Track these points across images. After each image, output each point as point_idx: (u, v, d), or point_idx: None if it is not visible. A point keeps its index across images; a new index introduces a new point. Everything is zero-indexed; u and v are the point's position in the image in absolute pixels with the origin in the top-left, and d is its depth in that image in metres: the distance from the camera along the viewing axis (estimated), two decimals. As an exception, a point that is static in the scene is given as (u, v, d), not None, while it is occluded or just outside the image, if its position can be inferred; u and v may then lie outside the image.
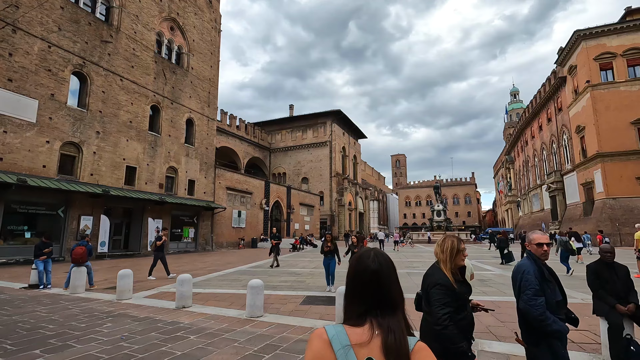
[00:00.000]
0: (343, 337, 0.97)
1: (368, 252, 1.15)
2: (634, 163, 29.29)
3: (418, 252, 23.06)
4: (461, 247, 2.37)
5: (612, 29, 31.40)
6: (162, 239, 11.19)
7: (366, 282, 1.06)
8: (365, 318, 1.02)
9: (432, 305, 2.18)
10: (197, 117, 26.16)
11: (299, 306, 6.88)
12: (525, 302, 2.45)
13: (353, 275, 1.10)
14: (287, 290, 8.52)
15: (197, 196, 25.39)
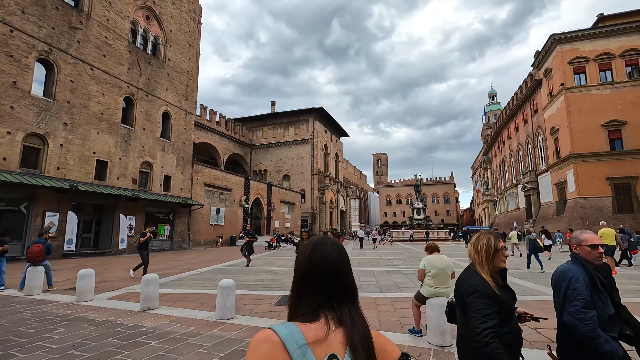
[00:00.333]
0: (297, 335, 0.85)
1: (324, 239, 1.04)
2: (603, 164, 30.45)
3: (398, 250, 23.11)
4: (499, 245, 1.96)
5: (586, 34, 32.48)
6: (146, 235, 10.59)
7: (326, 271, 0.96)
8: (320, 313, 0.92)
9: (471, 317, 1.80)
10: (174, 110, 25.25)
11: (274, 307, 6.55)
12: (572, 315, 2.07)
13: (309, 265, 0.97)
14: (262, 290, 8.17)
15: (173, 192, 24.53)
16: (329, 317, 0.92)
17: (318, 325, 0.90)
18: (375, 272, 11.11)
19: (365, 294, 7.51)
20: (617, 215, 29.29)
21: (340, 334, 0.89)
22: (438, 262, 4.53)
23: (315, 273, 0.96)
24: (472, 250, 2.04)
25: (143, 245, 10.44)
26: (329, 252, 0.98)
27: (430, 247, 4.78)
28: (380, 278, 9.83)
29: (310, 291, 0.95)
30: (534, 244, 12.12)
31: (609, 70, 31.67)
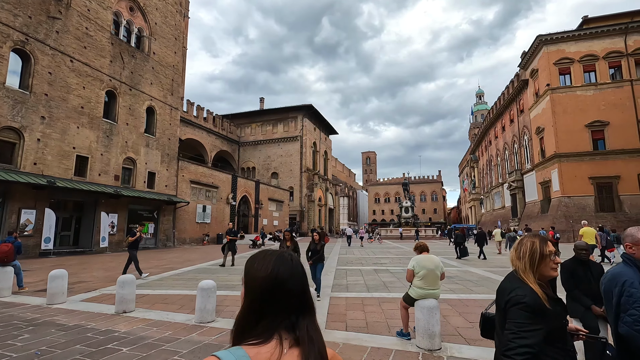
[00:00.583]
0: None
1: (282, 254, 0.96)
2: (586, 164, 31.05)
3: (386, 248, 23.07)
4: (547, 250, 1.63)
5: (571, 35, 33.00)
6: (136, 234, 10.16)
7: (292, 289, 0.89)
8: (274, 333, 0.85)
9: (508, 329, 1.51)
10: (159, 105, 24.59)
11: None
12: (629, 326, 1.81)
13: (274, 283, 0.88)
14: (246, 290, 7.90)
15: (157, 189, 23.92)
16: (283, 338, 0.85)
17: (269, 348, 0.83)
18: (363, 271, 10.95)
19: (352, 294, 7.33)
20: (599, 213, 29.92)
21: (294, 355, 0.84)
22: (427, 262, 4.36)
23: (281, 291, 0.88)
24: (514, 256, 1.73)
25: (133, 245, 10.02)
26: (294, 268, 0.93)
27: (420, 246, 4.60)
28: (368, 277, 9.66)
29: (272, 311, 0.87)
30: (514, 242, 12.31)
31: (592, 71, 32.26)
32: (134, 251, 10.01)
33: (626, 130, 30.42)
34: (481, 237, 16.44)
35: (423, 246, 4.57)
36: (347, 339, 4.51)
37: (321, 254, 7.32)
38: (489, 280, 9.07)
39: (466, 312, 5.76)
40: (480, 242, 16.18)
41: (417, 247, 4.61)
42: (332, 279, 9.20)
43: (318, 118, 56.63)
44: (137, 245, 10.12)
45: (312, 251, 7.31)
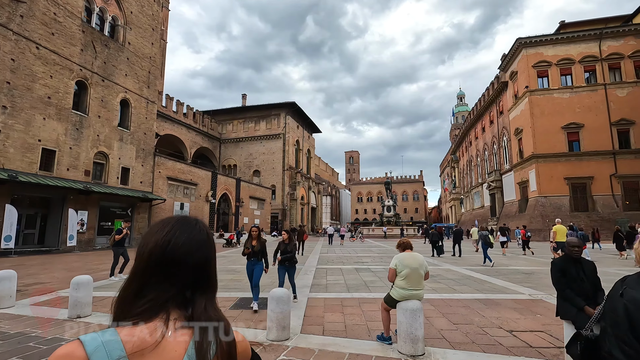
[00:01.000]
0: (114, 347, 0.65)
1: (187, 217, 0.85)
2: (562, 164, 31.88)
3: (367, 247, 22.88)
4: None
5: (549, 39, 33.80)
6: (122, 232, 9.47)
7: (184, 256, 0.76)
8: (161, 310, 0.72)
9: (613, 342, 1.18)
10: (135, 98, 23.52)
11: (228, 311, 5.84)
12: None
13: (166, 247, 0.76)
14: (219, 292, 7.41)
15: (132, 186, 22.88)
16: (171, 316, 0.72)
17: (149, 328, 0.69)
18: (343, 270, 10.61)
19: (331, 294, 6.96)
20: (573, 213, 30.78)
21: (183, 337, 0.71)
22: (411, 260, 4.02)
23: (175, 258, 0.75)
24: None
25: (119, 243, 9.36)
26: (196, 234, 0.80)
27: (403, 244, 4.27)
28: (349, 277, 9.33)
29: (161, 281, 0.74)
30: (485, 240, 12.89)
31: (569, 75, 33.15)
32: (119, 249, 9.37)
33: (600, 132, 31.41)
34: (457, 235, 16.77)
35: (406, 243, 4.24)
36: (323, 345, 4.12)
37: (292, 256, 6.46)
38: (471, 279, 8.90)
39: (450, 313, 5.49)
40: (457, 240, 16.51)
41: (400, 245, 4.28)
42: (311, 279, 8.81)
43: (301, 116, 56.11)
44: (122, 244, 9.47)
45: (282, 252, 6.44)
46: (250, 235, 6.20)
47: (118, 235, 9.39)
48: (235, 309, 5.94)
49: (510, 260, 14.10)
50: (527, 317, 5.23)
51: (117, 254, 9.47)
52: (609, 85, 31.92)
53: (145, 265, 0.75)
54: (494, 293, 7.02)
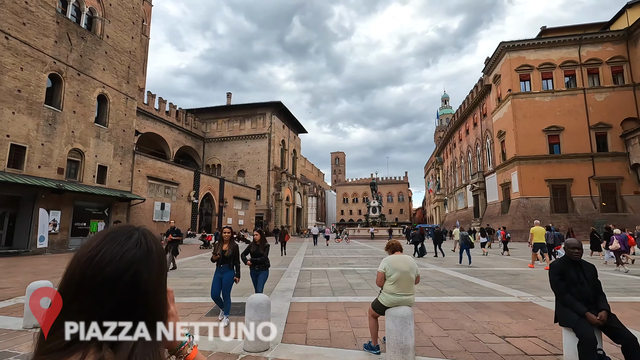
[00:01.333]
0: None
1: (128, 228, 0.66)
2: (543, 166, 32.53)
3: (353, 248, 22.65)
4: None
5: (531, 43, 34.48)
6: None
7: (112, 276, 0.58)
8: (76, 350, 0.56)
9: None
10: (113, 94, 22.60)
11: (204, 317, 5.43)
12: None
13: (85, 264, 0.59)
14: (196, 296, 6.97)
15: (109, 185, 21.96)
16: (89, 355, 0.56)
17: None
18: (328, 272, 10.29)
19: (315, 298, 6.61)
20: (554, 214, 31.43)
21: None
22: (401, 263, 3.73)
23: (97, 280, 0.58)
24: None
25: None
26: (130, 247, 0.62)
27: (392, 245, 3.97)
28: (334, 279, 9.01)
29: (80, 310, 0.57)
30: (466, 240, 13.02)
31: (550, 79, 33.89)
32: None
33: (579, 135, 32.20)
34: (438, 236, 16.93)
35: (396, 245, 3.94)
36: (306, 356, 3.78)
37: (264, 259, 5.75)
38: (458, 281, 8.72)
39: (439, 318, 5.23)
40: (438, 241, 16.62)
41: (390, 246, 3.98)
42: (294, 282, 8.45)
43: (287, 116, 55.63)
44: None
45: (253, 255, 5.77)
46: (222, 238, 5.39)
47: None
48: (212, 315, 5.52)
49: (495, 262, 14.10)
50: (518, 321, 5.02)
51: None
52: (588, 89, 32.78)
53: (65, 290, 0.59)
54: (483, 295, 6.83)
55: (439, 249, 16.20)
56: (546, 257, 12.25)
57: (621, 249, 11.23)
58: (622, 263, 11.14)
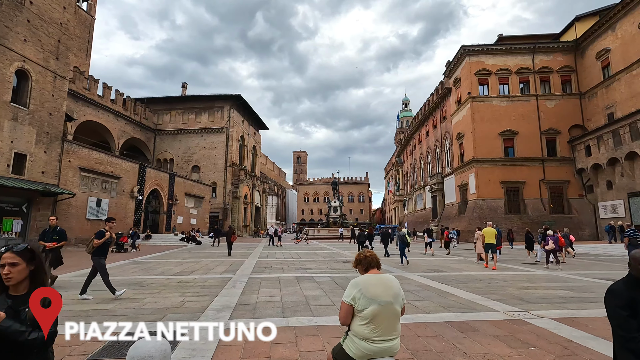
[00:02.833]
0: None
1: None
2: (499, 169, 33.40)
3: (312, 250, 21.30)
4: None
5: (490, 49, 35.39)
6: (105, 235, 6.82)
7: None
8: None
9: None
10: (37, 70, 19.33)
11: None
12: None
13: None
14: (98, 319, 5.15)
15: (30, 176, 18.73)
16: None
17: None
18: (281, 281, 8.79)
19: (260, 321, 5.08)
20: (507, 215, 32.33)
21: None
22: (380, 289, 2.32)
23: None
24: None
25: (100, 250, 6.82)
26: None
27: (365, 260, 2.54)
28: (287, 290, 7.53)
29: None
30: (402, 240, 13.60)
31: (506, 84, 34.93)
32: (101, 259, 6.76)
33: (531, 140, 33.46)
34: (385, 236, 17.50)
35: (371, 259, 2.51)
36: None
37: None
38: (430, 290, 7.62)
39: (421, 350, 3.94)
40: (385, 241, 17.13)
41: (361, 261, 2.55)
42: (238, 295, 6.85)
43: (247, 110, 53.21)
44: (105, 251, 6.91)
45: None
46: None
47: (98, 240, 6.75)
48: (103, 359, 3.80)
49: (460, 265, 13.42)
50: (520, 351, 3.87)
51: (101, 266, 6.76)
52: (540, 96, 34.18)
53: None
54: (464, 311, 5.71)
55: (386, 248, 16.61)
56: (495, 257, 12.56)
57: (555, 248, 12.48)
58: (559, 261, 12.33)
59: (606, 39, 30.85)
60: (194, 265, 12.19)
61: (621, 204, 28.09)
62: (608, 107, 30.56)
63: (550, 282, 8.90)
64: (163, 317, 5.08)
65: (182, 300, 6.38)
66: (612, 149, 28.07)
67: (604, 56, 31.02)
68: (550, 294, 7.22)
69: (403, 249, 13.31)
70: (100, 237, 6.80)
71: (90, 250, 6.79)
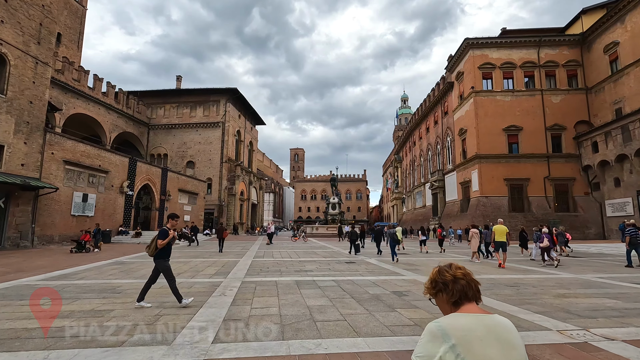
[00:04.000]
0: None
1: None
2: (502, 166, 32.42)
3: (311, 249, 20.15)
4: None
5: (494, 42, 34.30)
6: (169, 234, 5.80)
7: None
8: None
9: None
10: (16, 55, 17.95)
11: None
12: None
13: None
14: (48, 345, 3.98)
15: (7, 169, 17.39)
16: None
17: None
18: (279, 286, 7.64)
19: (251, 347, 3.92)
20: (511, 213, 31.36)
21: None
22: (495, 350, 1.13)
23: None
24: None
25: (164, 252, 5.77)
26: None
27: (456, 283, 1.33)
28: (286, 298, 6.38)
29: None
30: (393, 237, 13.89)
31: (511, 78, 33.91)
32: (165, 262, 5.70)
33: (536, 136, 32.49)
34: (378, 234, 17.51)
35: (467, 283, 1.33)
36: None
37: None
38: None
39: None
40: (377, 239, 17.23)
41: (447, 284, 1.35)
42: (228, 305, 5.69)
43: (244, 105, 51.83)
44: (169, 253, 5.83)
45: None
46: None
47: (162, 241, 5.65)
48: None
49: (474, 266, 12.35)
50: None
51: (166, 270, 5.73)
52: (545, 91, 33.20)
53: None
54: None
55: (378, 247, 16.75)
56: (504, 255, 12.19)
57: (550, 246, 12.43)
58: (553, 258, 12.15)
59: (615, 31, 29.86)
60: (181, 267, 11.01)
61: (630, 201, 27.19)
62: (616, 102, 29.62)
63: (585, 287, 7.82)
64: (124, 343, 3.90)
65: (157, 313, 5.20)
66: (621, 145, 27.14)
67: (612, 49, 30.04)
68: (597, 304, 6.12)
69: (394, 247, 13.66)
70: (164, 237, 5.71)
71: (152, 252, 5.71)
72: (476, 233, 13.78)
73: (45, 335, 4.13)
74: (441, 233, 20.34)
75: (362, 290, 7.17)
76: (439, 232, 20.73)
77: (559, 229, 18.02)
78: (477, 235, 13.78)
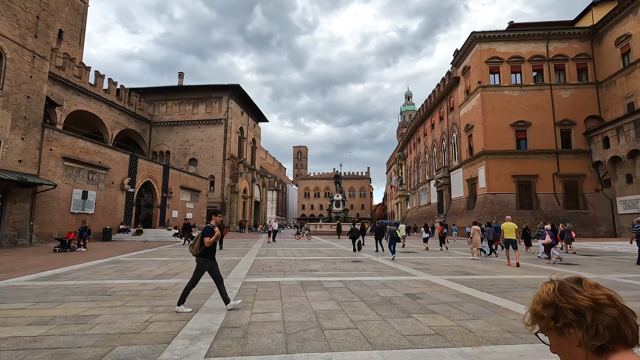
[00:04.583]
0: None
1: None
2: (510, 162, 31.68)
3: (315, 247, 19.63)
4: None
5: (502, 35, 33.48)
6: (214, 232, 5.39)
7: None
8: None
9: None
10: (12, 48, 17.52)
11: None
12: None
13: None
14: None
15: (4, 165, 16.99)
16: None
17: None
18: (282, 287, 7.12)
19: None
20: (519, 210, 30.64)
21: None
22: None
23: None
24: None
25: (208, 252, 5.37)
26: None
27: (593, 306, 0.77)
28: (290, 302, 5.85)
29: None
30: (392, 235, 13.74)
31: (519, 73, 33.10)
32: (207, 264, 5.29)
33: (545, 131, 31.71)
34: (379, 231, 17.19)
35: (618, 317, 0.77)
36: None
37: None
38: (474, 301, 5.92)
39: None
40: (378, 237, 16.97)
41: (584, 313, 0.75)
42: (226, 310, 5.17)
43: (246, 101, 51.33)
44: (213, 254, 5.36)
45: None
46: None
47: (209, 239, 5.22)
48: None
49: (486, 265, 11.77)
50: None
51: (213, 271, 5.35)
52: (554, 85, 32.38)
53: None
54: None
55: (379, 244, 16.73)
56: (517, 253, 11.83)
57: (552, 243, 12.42)
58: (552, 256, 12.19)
59: (627, 24, 28.98)
60: (180, 266, 10.53)
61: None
62: (628, 96, 28.77)
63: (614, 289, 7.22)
64: (104, 356, 3.38)
65: (147, 319, 4.69)
66: (634, 140, 26.34)
67: (624, 42, 29.16)
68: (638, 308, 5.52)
69: (393, 244, 13.65)
70: (210, 235, 5.26)
71: (196, 251, 5.25)
72: (477, 230, 13.93)
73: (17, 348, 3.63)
74: (442, 230, 20.13)
75: (372, 292, 6.63)
76: (439, 229, 20.62)
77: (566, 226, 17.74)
78: (479, 233, 13.95)
